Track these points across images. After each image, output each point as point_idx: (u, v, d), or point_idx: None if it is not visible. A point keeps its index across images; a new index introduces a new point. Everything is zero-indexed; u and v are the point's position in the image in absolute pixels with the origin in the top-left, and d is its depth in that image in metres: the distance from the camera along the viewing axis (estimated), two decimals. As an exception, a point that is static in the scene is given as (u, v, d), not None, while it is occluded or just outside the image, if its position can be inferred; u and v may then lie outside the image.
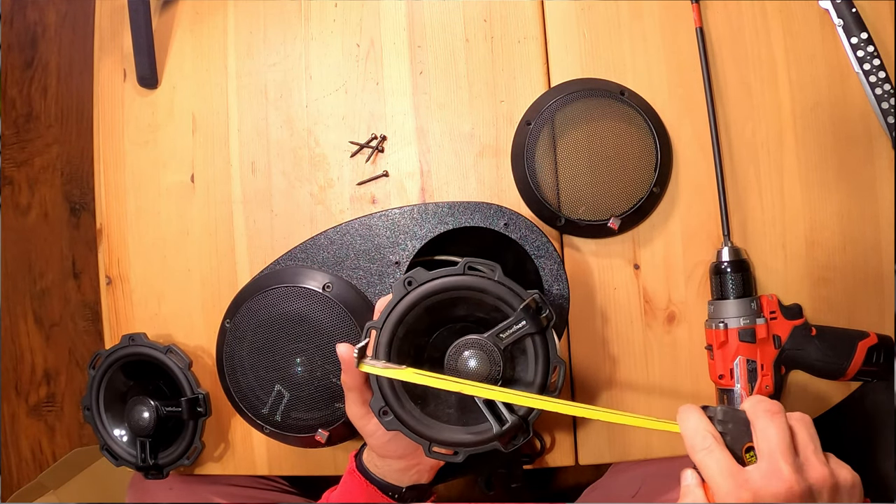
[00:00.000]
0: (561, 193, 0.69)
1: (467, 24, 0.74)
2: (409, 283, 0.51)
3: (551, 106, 0.69)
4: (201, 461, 0.77)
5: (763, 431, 0.43)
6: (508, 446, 0.51)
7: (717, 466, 0.43)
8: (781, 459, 0.42)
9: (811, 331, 0.66)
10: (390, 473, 0.59)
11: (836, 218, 0.69)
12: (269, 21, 0.78)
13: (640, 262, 0.71)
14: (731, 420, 0.45)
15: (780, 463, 0.42)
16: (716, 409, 0.46)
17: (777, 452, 0.42)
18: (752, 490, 0.42)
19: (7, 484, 1.39)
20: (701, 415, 0.46)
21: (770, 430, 0.43)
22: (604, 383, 0.71)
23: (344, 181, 0.76)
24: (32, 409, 1.41)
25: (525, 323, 0.50)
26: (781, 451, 0.42)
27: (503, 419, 0.50)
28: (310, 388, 0.65)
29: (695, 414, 0.46)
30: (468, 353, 0.50)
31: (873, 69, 0.68)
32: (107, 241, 0.80)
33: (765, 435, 0.43)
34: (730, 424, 0.45)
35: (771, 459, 0.42)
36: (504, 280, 0.50)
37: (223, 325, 0.69)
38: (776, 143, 0.70)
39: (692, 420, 0.45)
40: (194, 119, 0.79)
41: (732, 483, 0.42)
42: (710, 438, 0.44)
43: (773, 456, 0.42)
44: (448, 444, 0.51)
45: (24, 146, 1.44)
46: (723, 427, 0.45)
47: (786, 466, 0.42)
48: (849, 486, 0.43)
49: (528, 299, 0.50)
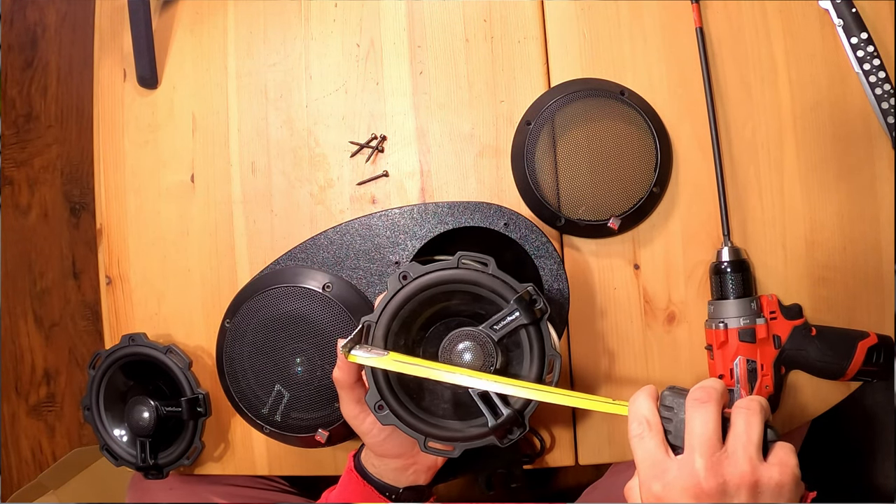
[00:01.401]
0: (561, 193, 0.69)
1: (467, 24, 0.75)
2: (404, 277, 0.51)
3: (551, 106, 0.69)
4: (201, 461, 0.77)
5: (689, 421, 0.42)
6: (504, 441, 0.50)
7: (641, 454, 0.42)
8: (696, 453, 0.40)
9: (811, 331, 0.66)
10: (388, 473, 0.59)
11: (836, 218, 0.69)
12: (269, 21, 0.78)
13: (640, 262, 0.71)
14: (676, 405, 0.43)
15: (694, 456, 0.40)
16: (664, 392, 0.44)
17: (695, 445, 0.41)
18: (664, 482, 0.41)
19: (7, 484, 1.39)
20: (647, 399, 0.44)
21: (694, 420, 0.42)
22: (604, 383, 0.71)
23: (344, 181, 0.76)
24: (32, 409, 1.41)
25: (518, 314, 0.49)
26: (699, 444, 0.41)
27: (498, 412, 0.50)
28: (310, 387, 0.65)
29: (642, 397, 0.44)
30: (462, 346, 0.50)
31: (873, 69, 0.68)
32: (107, 241, 0.80)
33: (690, 425, 0.42)
34: (675, 409, 0.43)
35: (688, 452, 0.41)
36: (497, 273, 0.51)
37: (223, 325, 0.69)
38: (776, 143, 0.70)
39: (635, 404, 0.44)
40: (194, 119, 0.79)
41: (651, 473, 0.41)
42: (643, 425, 0.43)
43: (692, 448, 0.41)
44: (443, 438, 0.51)
45: (24, 146, 1.44)
46: (668, 413, 0.43)
47: (699, 460, 0.40)
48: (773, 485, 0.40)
49: (522, 291, 0.50)
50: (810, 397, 0.69)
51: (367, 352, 0.50)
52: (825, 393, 0.69)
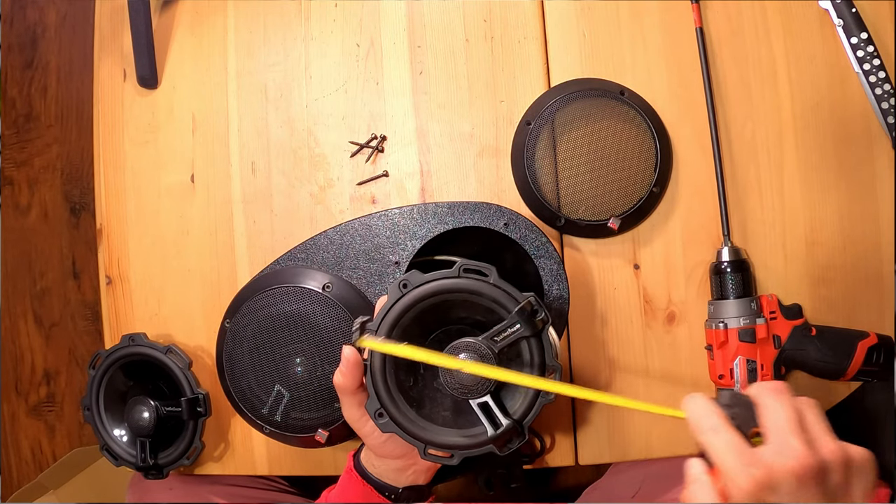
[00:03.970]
0: (561, 193, 0.69)
1: (467, 24, 0.74)
2: (405, 286, 0.51)
3: (551, 106, 0.69)
4: (201, 461, 0.77)
5: (771, 409, 0.42)
6: (504, 450, 0.51)
7: (725, 445, 0.41)
8: (791, 435, 0.40)
9: (811, 331, 0.66)
10: (388, 473, 0.59)
11: (836, 218, 0.69)
12: (269, 21, 0.78)
13: (640, 262, 0.71)
14: (736, 404, 0.43)
15: (790, 438, 0.40)
16: (722, 392, 0.44)
17: (786, 428, 0.40)
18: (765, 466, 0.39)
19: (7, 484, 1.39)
20: (706, 398, 0.44)
21: (777, 407, 0.42)
22: (604, 383, 0.71)
23: (344, 181, 0.76)
24: (32, 409, 1.41)
25: (519, 326, 0.49)
26: (791, 427, 0.41)
27: (498, 423, 0.50)
28: (310, 388, 0.65)
29: (700, 397, 0.44)
30: (463, 357, 0.50)
31: (873, 69, 0.68)
32: (107, 241, 0.80)
33: (773, 413, 0.42)
34: (736, 408, 0.43)
35: (781, 435, 0.40)
36: (499, 283, 0.50)
37: (223, 326, 0.69)
38: (776, 143, 0.70)
39: (697, 402, 0.43)
40: (194, 119, 0.79)
41: (743, 460, 0.40)
42: (716, 418, 0.42)
43: (783, 432, 0.40)
44: (443, 446, 0.51)
45: (24, 146, 1.44)
46: (729, 411, 0.43)
47: (796, 441, 0.40)
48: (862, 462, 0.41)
49: (524, 302, 0.49)
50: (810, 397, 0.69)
51: (381, 339, 0.49)
52: (825, 393, 0.69)
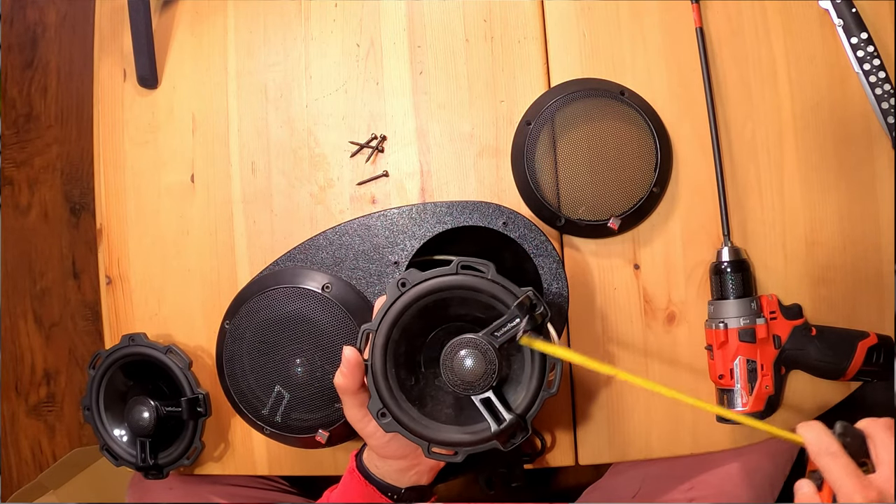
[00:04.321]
0: (561, 193, 0.69)
1: (467, 24, 0.74)
2: (403, 285, 0.51)
3: (551, 106, 0.69)
4: (201, 461, 0.77)
5: (883, 441, 0.46)
6: (507, 445, 0.51)
7: (843, 469, 0.46)
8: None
9: (811, 331, 0.66)
10: (390, 474, 0.59)
11: (836, 218, 0.69)
12: (269, 21, 0.78)
13: (640, 262, 0.71)
14: (849, 434, 0.48)
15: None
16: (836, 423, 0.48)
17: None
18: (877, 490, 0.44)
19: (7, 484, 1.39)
20: (823, 426, 0.48)
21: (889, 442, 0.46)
22: (603, 383, 0.71)
23: (344, 181, 0.75)
24: (32, 409, 1.41)
25: (519, 320, 0.49)
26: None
27: (501, 418, 0.50)
28: (310, 388, 0.65)
29: (817, 424, 0.49)
30: (463, 353, 0.50)
31: (873, 69, 0.68)
32: (107, 241, 0.80)
33: (885, 444, 0.46)
34: (848, 438, 0.47)
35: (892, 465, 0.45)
36: (497, 278, 0.50)
37: (223, 326, 0.69)
38: (776, 143, 0.70)
39: (816, 429, 0.48)
40: (194, 119, 0.79)
41: (859, 484, 0.45)
42: (836, 444, 0.47)
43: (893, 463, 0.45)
44: (447, 444, 0.51)
45: (24, 146, 1.44)
46: (841, 440, 0.47)
47: None
48: None
49: (522, 296, 0.50)
50: (810, 397, 0.69)
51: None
52: (825, 393, 0.69)
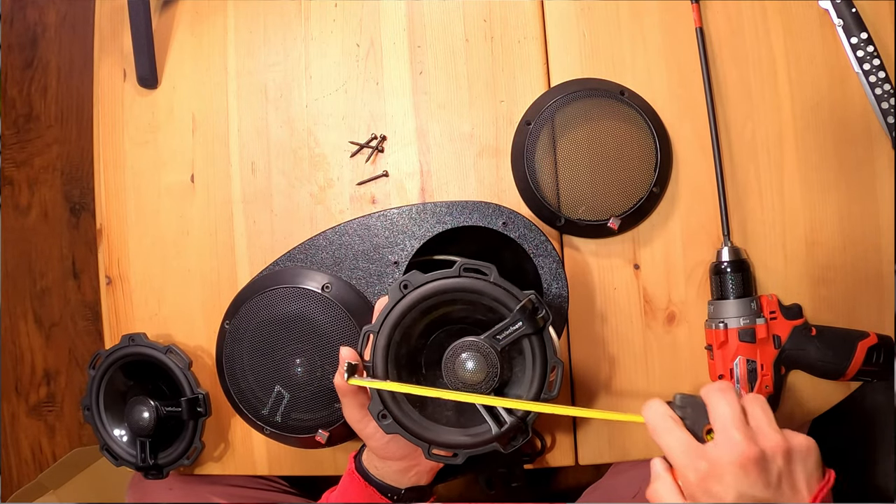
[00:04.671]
0: (561, 193, 0.69)
1: (467, 24, 0.74)
2: (405, 287, 0.51)
3: (551, 106, 0.69)
4: (201, 461, 0.77)
5: (715, 407, 0.46)
6: (508, 447, 0.51)
7: (676, 443, 0.46)
8: (733, 428, 0.45)
9: (811, 331, 0.66)
10: (390, 475, 0.59)
11: (836, 218, 0.69)
12: (269, 21, 0.78)
13: (640, 262, 0.71)
14: (688, 405, 0.48)
15: (731, 432, 0.45)
16: (676, 396, 0.49)
17: (729, 423, 0.45)
18: (709, 460, 0.44)
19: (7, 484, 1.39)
20: (661, 402, 0.49)
21: (721, 404, 0.46)
22: (603, 383, 0.71)
23: (344, 181, 0.75)
24: (32, 409, 1.41)
25: (521, 324, 0.49)
26: (733, 422, 0.45)
27: (501, 420, 0.50)
28: (310, 388, 0.65)
29: (656, 402, 0.49)
30: (465, 356, 0.50)
31: (873, 69, 0.68)
32: (107, 241, 0.80)
33: (717, 410, 0.46)
34: (688, 409, 0.48)
35: (724, 430, 0.45)
36: (500, 281, 0.50)
37: (223, 327, 0.69)
38: (776, 143, 0.70)
39: (653, 407, 0.48)
40: (194, 119, 0.79)
41: (691, 456, 0.45)
42: (669, 420, 0.47)
43: (726, 426, 0.45)
44: (447, 446, 0.51)
45: (24, 146, 1.44)
46: (682, 412, 0.48)
47: (737, 434, 0.44)
48: (803, 450, 0.45)
49: (525, 300, 0.50)
50: (810, 397, 0.69)
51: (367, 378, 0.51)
52: (825, 393, 0.69)
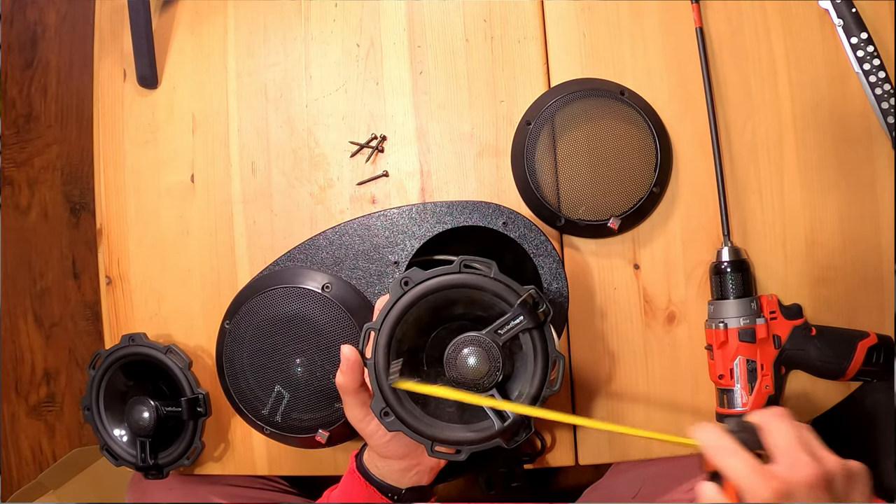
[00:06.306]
0: (561, 193, 0.69)
1: (467, 24, 0.74)
2: (406, 283, 0.51)
3: (551, 106, 0.69)
4: (201, 461, 0.77)
5: (777, 431, 0.47)
6: (511, 443, 0.51)
7: (744, 465, 0.45)
8: (800, 451, 0.45)
9: (811, 331, 0.66)
10: (391, 474, 0.59)
11: (836, 218, 0.69)
12: (269, 21, 0.78)
13: (640, 262, 0.71)
14: (742, 430, 0.48)
15: (798, 454, 0.45)
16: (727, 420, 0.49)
17: (794, 446, 0.45)
18: (781, 480, 0.44)
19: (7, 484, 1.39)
20: (715, 426, 0.48)
21: (784, 428, 0.47)
22: (603, 383, 0.71)
23: (344, 181, 0.75)
24: (32, 409, 1.41)
25: (522, 318, 0.50)
26: (799, 445, 0.45)
27: (504, 415, 0.50)
28: (310, 388, 0.65)
29: (709, 426, 0.49)
30: (467, 351, 0.50)
31: (873, 69, 0.68)
32: (107, 241, 0.80)
33: (780, 433, 0.46)
34: (741, 434, 0.47)
35: (790, 453, 0.45)
36: (500, 276, 0.50)
37: (223, 327, 0.69)
38: (776, 143, 0.70)
39: (710, 431, 0.48)
40: (194, 119, 0.79)
41: (762, 477, 0.45)
42: (730, 442, 0.47)
43: (792, 449, 0.45)
44: (450, 442, 0.51)
45: (24, 146, 1.44)
46: (737, 436, 0.47)
47: (805, 457, 0.45)
48: (860, 472, 0.46)
49: (525, 294, 0.50)
50: (810, 397, 0.69)
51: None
52: (825, 393, 0.69)
